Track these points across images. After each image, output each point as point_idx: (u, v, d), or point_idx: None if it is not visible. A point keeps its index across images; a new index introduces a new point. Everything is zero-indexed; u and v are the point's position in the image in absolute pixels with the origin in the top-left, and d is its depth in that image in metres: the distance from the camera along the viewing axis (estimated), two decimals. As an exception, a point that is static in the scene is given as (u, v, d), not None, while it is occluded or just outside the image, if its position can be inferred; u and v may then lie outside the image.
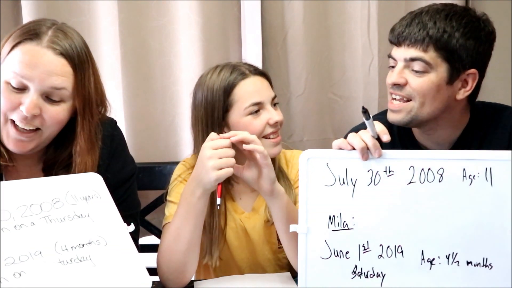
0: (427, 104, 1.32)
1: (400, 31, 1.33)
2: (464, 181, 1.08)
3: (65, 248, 1.07)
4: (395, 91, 1.35)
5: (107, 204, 1.18)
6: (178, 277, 1.32)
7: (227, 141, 1.23)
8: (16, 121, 1.19)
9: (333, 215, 1.12)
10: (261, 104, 1.42)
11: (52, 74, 1.18)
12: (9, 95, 1.18)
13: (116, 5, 1.88)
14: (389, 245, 1.11)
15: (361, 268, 1.12)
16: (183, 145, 1.99)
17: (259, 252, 1.49)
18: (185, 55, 1.93)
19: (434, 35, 1.29)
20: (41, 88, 1.17)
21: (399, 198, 1.10)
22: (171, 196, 1.47)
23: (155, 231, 1.90)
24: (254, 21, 1.94)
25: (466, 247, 1.09)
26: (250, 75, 1.43)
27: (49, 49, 1.18)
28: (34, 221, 1.07)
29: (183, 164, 1.53)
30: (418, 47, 1.30)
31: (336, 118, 2.04)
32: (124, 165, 1.40)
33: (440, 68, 1.31)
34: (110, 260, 1.09)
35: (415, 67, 1.32)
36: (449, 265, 1.09)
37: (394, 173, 1.10)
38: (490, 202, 1.08)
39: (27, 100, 1.17)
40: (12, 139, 1.21)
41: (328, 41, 2.00)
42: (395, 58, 1.36)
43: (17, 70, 1.16)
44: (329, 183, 1.12)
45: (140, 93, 1.94)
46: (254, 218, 1.49)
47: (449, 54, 1.30)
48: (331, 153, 1.14)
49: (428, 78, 1.31)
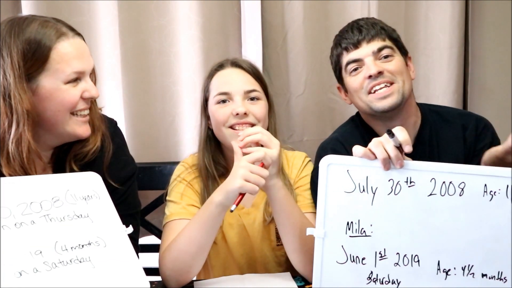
0: (406, 81, 1.48)
1: (353, 35, 1.49)
2: (484, 196, 1.07)
3: (65, 249, 1.07)
4: (377, 81, 1.46)
5: (106, 205, 1.18)
6: (182, 276, 1.33)
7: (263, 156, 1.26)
8: (81, 110, 1.25)
9: (351, 221, 1.13)
10: (229, 95, 1.45)
11: (90, 56, 1.28)
12: (72, 92, 1.22)
13: (116, 5, 1.88)
14: (405, 253, 1.11)
15: (376, 274, 1.13)
16: (183, 145, 1.99)
17: (257, 249, 1.50)
18: (185, 55, 1.93)
19: (384, 27, 1.51)
20: (89, 71, 1.27)
21: (419, 209, 1.10)
22: (171, 196, 1.48)
23: (155, 231, 1.90)
24: (254, 21, 1.94)
25: (482, 260, 1.08)
26: (226, 67, 1.50)
27: (76, 36, 1.25)
28: (34, 220, 1.07)
29: (182, 165, 1.53)
30: (378, 39, 1.48)
31: (336, 118, 2.04)
32: (125, 165, 1.40)
33: (396, 53, 1.51)
34: (109, 262, 1.10)
35: (384, 54, 1.48)
36: (464, 276, 1.09)
37: (415, 184, 1.10)
38: (508, 218, 1.07)
39: (89, 86, 1.25)
40: (82, 127, 1.27)
41: (328, 41, 1.98)
42: (358, 58, 1.49)
43: (74, 67, 1.21)
44: (349, 190, 1.13)
45: (140, 93, 1.94)
46: (254, 214, 1.50)
47: (396, 42, 1.52)
48: (352, 160, 1.15)
49: (397, 59, 1.49)
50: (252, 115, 1.43)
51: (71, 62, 1.21)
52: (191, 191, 1.48)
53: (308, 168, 1.52)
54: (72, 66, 1.21)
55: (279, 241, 1.48)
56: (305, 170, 1.51)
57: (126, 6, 1.89)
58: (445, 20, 1.97)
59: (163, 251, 1.36)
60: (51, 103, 1.20)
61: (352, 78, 1.50)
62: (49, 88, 1.19)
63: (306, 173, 1.50)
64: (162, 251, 1.37)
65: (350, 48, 1.49)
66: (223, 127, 1.44)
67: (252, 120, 1.43)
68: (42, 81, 1.19)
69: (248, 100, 1.45)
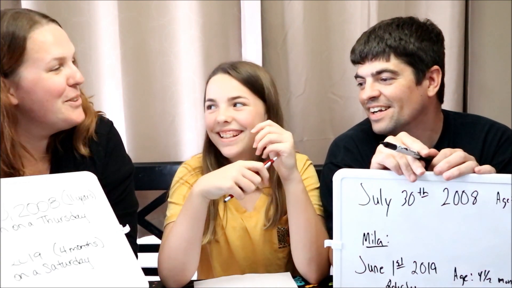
0: (405, 107, 1.40)
1: (361, 49, 1.43)
2: (497, 204, 1.09)
3: (64, 250, 1.07)
4: (372, 104, 1.43)
5: (102, 205, 1.18)
6: (178, 275, 1.34)
7: (261, 166, 1.27)
8: (72, 98, 1.24)
9: (367, 232, 1.14)
10: (215, 102, 1.46)
11: (69, 40, 1.26)
12: (56, 79, 1.21)
13: (116, 5, 1.88)
14: (422, 262, 1.13)
15: (395, 283, 1.14)
16: (183, 145, 1.99)
17: (259, 252, 1.50)
18: (185, 55, 1.93)
19: (392, 44, 1.39)
20: (70, 56, 1.25)
21: (433, 218, 1.12)
22: (173, 198, 1.48)
23: (155, 231, 1.90)
24: (254, 21, 1.94)
25: (498, 266, 1.10)
26: (217, 73, 1.49)
27: (50, 22, 1.23)
28: (32, 221, 1.07)
29: (185, 167, 1.54)
30: (380, 59, 1.40)
31: (336, 118, 2.04)
32: (121, 165, 1.40)
33: (406, 72, 1.40)
34: (108, 262, 1.10)
35: (383, 77, 1.40)
36: (481, 282, 1.11)
37: (428, 195, 1.12)
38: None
39: (73, 71, 1.24)
40: (76, 112, 1.26)
41: (328, 41, 2.00)
42: (362, 75, 1.44)
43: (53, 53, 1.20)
44: (364, 202, 1.14)
45: (140, 93, 1.94)
46: (256, 217, 1.50)
47: (410, 58, 1.40)
48: (364, 173, 1.16)
49: (398, 83, 1.40)
50: (236, 122, 1.44)
51: (50, 49, 1.19)
52: None
53: (309, 170, 1.53)
54: (51, 53, 1.19)
55: (281, 243, 1.49)
56: (306, 172, 1.51)
57: (126, 6, 1.89)
58: (445, 20, 1.96)
59: (159, 252, 1.37)
60: (36, 93, 1.19)
61: (360, 91, 1.48)
62: (31, 79, 1.18)
63: (307, 175, 1.50)
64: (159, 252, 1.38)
65: (356, 61, 1.46)
66: (211, 132, 1.47)
67: (236, 127, 1.44)
68: (23, 73, 1.18)
69: (233, 106, 1.46)
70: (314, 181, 1.51)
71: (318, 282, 1.36)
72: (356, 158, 1.45)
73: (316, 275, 1.36)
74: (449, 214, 1.11)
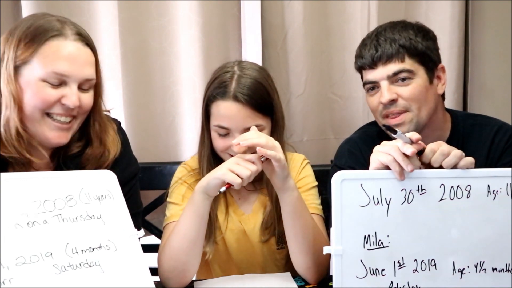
0: (423, 107, 1.40)
1: (372, 53, 1.40)
2: (488, 196, 1.14)
3: (76, 251, 1.06)
4: (390, 109, 1.40)
5: (119, 206, 1.16)
6: (179, 276, 1.33)
7: (255, 157, 1.26)
8: (57, 115, 1.22)
9: (368, 234, 1.14)
10: (228, 130, 1.41)
11: (87, 65, 1.24)
12: (48, 92, 1.19)
13: (116, 5, 1.88)
14: (423, 259, 1.14)
15: (397, 284, 1.14)
16: (183, 145, 1.99)
17: (257, 253, 1.50)
18: (185, 55, 1.93)
19: (405, 45, 1.38)
20: (79, 80, 1.22)
21: (432, 214, 1.14)
22: (172, 198, 1.48)
23: (155, 231, 1.90)
24: (254, 21, 1.94)
25: (491, 256, 1.14)
26: (227, 99, 1.39)
27: (78, 41, 1.23)
28: (47, 219, 1.06)
29: (184, 167, 1.53)
30: (395, 61, 1.38)
31: (336, 118, 2.04)
32: (128, 165, 1.41)
33: (420, 72, 1.40)
34: (118, 267, 1.09)
35: (400, 78, 1.38)
36: (477, 273, 1.14)
37: (426, 191, 1.14)
38: (509, 213, 1.15)
39: (70, 93, 1.20)
40: (54, 132, 1.23)
41: (328, 41, 2.00)
42: (374, 80, 1.41)
43: (57, 67, 1.19)
44: (364, 204, 1.14)
45: (140, 93, 1.94)
46: (254, 220, 1.50)
47: (421, 57, 1.40)
48: (364, 173, 1.17)
49: (415, 83, 1.39)
50: (252, 148, 1.41)
51: (55, 62, 1.18)
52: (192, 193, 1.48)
53: (307, 169, 1.52)
54: (54, 66, 1.18)
55: (278, 245, 1.49)
56: (304, 171, 1.51)
57: (126, 6, 1.89)
58: (445, 20, 1.97)
59: (159, 252, 1.37)
60: (26, 95, 1.19)
61: (369, 97, 1.45)
62: (26, 80, 1.19)
63: (304, 175, 1.50)
64: (159, 252, 1.37)
65: (367, 67, 1.42)
66: (222, 153, 1.44)
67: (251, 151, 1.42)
68: (24, 71, 1.19)
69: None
70: (311, 180, 1.51)
71: (317, 282, 1.37)
72: (359, 161, 1.45)
73: (315, 277, 1.36)
74: (446, 209, 1.14)
